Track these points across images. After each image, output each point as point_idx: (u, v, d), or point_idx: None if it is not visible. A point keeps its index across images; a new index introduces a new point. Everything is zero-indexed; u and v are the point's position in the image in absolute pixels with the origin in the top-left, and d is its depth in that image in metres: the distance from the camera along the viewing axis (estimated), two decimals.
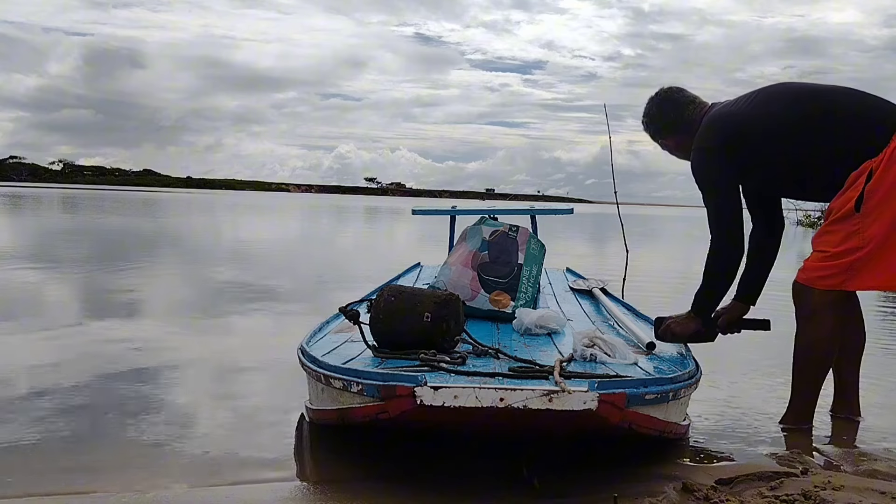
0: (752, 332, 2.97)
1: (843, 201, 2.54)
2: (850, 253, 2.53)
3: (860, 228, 2.51)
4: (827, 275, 2.58)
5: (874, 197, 2.48)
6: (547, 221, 10.27)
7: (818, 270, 2.61)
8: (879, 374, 3.72)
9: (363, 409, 1.96)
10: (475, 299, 3.08)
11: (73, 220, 18.47)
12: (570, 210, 5.56)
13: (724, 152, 2.69)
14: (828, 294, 2.60)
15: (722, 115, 2.76)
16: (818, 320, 2.62)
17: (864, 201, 2.49)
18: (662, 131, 2.95)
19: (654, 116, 2.94)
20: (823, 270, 2.59)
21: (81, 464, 2.22)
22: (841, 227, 2.55)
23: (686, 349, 2.69)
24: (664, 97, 2.92)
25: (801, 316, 2.68)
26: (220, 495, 2.01)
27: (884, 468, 2.33)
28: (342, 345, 2.54)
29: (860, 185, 2.51)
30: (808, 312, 2.64)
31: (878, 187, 2.48)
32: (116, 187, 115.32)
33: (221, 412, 2.82)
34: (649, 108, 2.96)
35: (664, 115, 2.91)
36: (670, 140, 2.94)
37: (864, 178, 2.50)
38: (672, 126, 2.90)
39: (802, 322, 2.67)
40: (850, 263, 2.54)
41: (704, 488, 2.03)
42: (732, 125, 2.71)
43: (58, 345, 3.89)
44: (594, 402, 1.77)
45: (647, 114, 2.96)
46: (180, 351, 3.88)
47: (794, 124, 2.62)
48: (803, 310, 2.66)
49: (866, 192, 2.49)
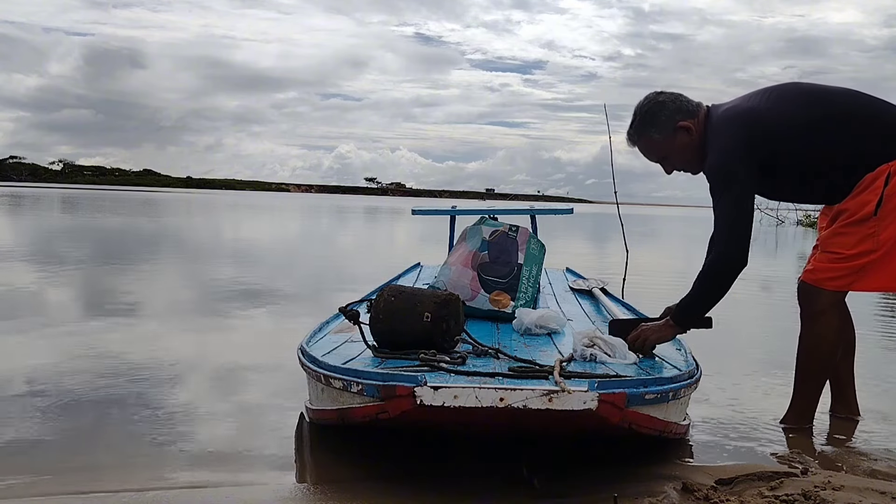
0: (707, 331, 2.71)
1: (860, 203, 2.51)
2: (863, 255, 2.52)
3: (876, 231, 2.50)
4: (838, 276, 2.57)
5: (891, 201, 2.48)
6: (547, 221, 10.26)
7: (829, 272, 2.59)
8: (880, 374, 3.72)
9: (363, 409, 1.96)
10: (475, 299, 3.08)
11: (73, 221, 18.48)
12: (570, 210, 5.55)
13: (747, 150, 2.53)
14: (836, 295, 2.60)
15: (742, 111, 2.60)
16: (825, 321, 2.62)
17: (882, 205, 2.48)
18: (662, 128, 2.65)
19: (654, 112, 2.66)
20: (835, 272, 2.57)
21: (81, 464, 2.22)
22: (857, 229, 2.53)
23: (686, 349, 2.68)
24: (663, 96, 2.69)
25: (807, 316, 2.65)
26: (220, 495, 2.01)
27: (884, 468, 2.33)
28: (342, 345, 2.53)
29: (878, 188, 2.49)
30: (815, 313, 2.62)
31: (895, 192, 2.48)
32: (116, 187, 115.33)
33: (221, 412, 2.82)
34: (647, 104, 2.69)
35: (665, 109, 2.65)
36: (669, 140, 2.65)
37: (883, 181, 2.49)
38: (673, 124, 2.64)
39: (809, 322, 2.65)
40: (862, 265, 2.53)
41: (704, 488, 2.03)
42: (756, 121, 2.56)
43: (57, 344, 3.89)
44: (594, 401, 1.77)
45: (646, 111, 2.68)
46: (180, 351, 3.88)
47: (814, 125, 2.55)
48: (810, 310, 2.64)
49: (885, 195, 2.48)
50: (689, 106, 2.66)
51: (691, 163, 2.70)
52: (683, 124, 2.64)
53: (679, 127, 2.63)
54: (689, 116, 2.65)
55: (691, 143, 2.65)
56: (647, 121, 2.68)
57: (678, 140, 2.65)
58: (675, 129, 2.64)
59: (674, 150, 2.68)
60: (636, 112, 2.70)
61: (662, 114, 2.65)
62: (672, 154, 2.70)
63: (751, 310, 5.95)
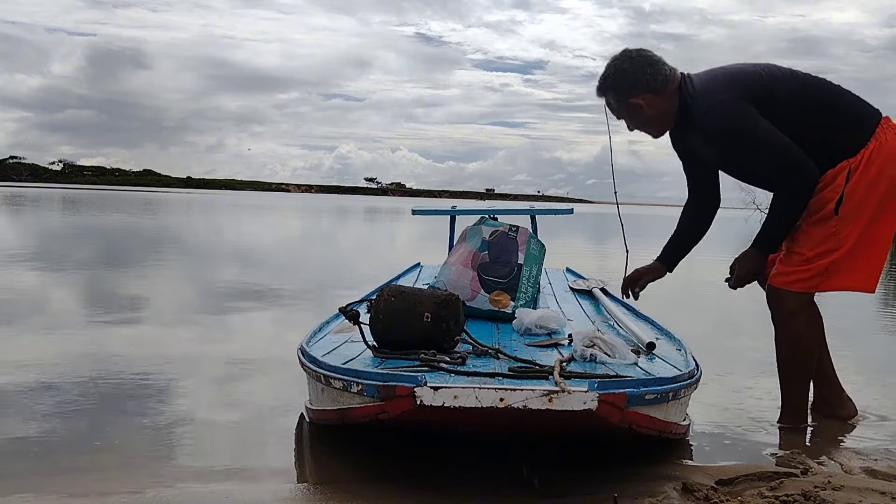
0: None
1: (822, 202, 2.54)
2: (826, 255, 2.55)
3: (838, 230, 2.52)
4: (803, 278, 2.60)
5: (852, 199, 2.49)
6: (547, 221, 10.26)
7: (794, 274, 2.61)
8: (879, 374, 3.72)
9: (363, 409, 1.96)
10: (475, 299, 3.07)
11: (72, 221, 18.47)
12: (570, 210, 5.54)
13: (747, 98, 2.54)
14: (803, 296, 2.63)
15: (738, 70, 2.62)
16: (797, 322, 2.65)
17: (842, 203, 2.50)
18: (635, 88, 2.64)
19: (627, 71, 2.65)
20: (799, 274, 2.60)
21: (81, 464, 2.22)
22: (819, 229, 2.55)
23: (686, 349, 2.68)
24: (636, 53, 2.69)
25: (779, 320, 2.69)
26: (220, 495, 2.01)
27: (884, 468, 2.33)
28: (342, 345, 2.53)
29: (839, 186, 2.51)
30: (785, 316, 2.66)
31: (856, 189, 2.49)
32: (116, 187, 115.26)
33: (221, 412, 2.82)
34: (619, 62, 2.68)
35: (639, 69, 2.64)
36: (642, 99, 2.64)
37: (843, 179, 2.50)
38: (646, 83, 2.63)
39: (782, 326, 2.69)
40: (826, 266, 2.56)
41: (704, 488, 2.03)
42: (752, 79, 2.58)
43: (57, 345, 3.89)
44: (594, 402, 1.77)
45: (616, 69, 2.67)
46: (180, 351, 3.88)
47: (800, 105, 2.57)
48: (781, 313, 2.67)
49: (846, 193, 2.49)
50: (655, 80, 2.64)
51: (647, 129, 2.76)
52: (635, 101, 2.67)
53: (630, 103, 2.68)
54: (649, 90, 2.64)
55: (644, 115, 2.69)
56: (607, 84, 2.73)
57: (630, 111, 2.71)
58: (628, 104, 2.69)
59: (627, 117, 2.77)
60: (605, 69, 2.74)
61: (621, 83, 2.69)
62: (627, 119, 2.78)
63: (750, 310, 5.94)
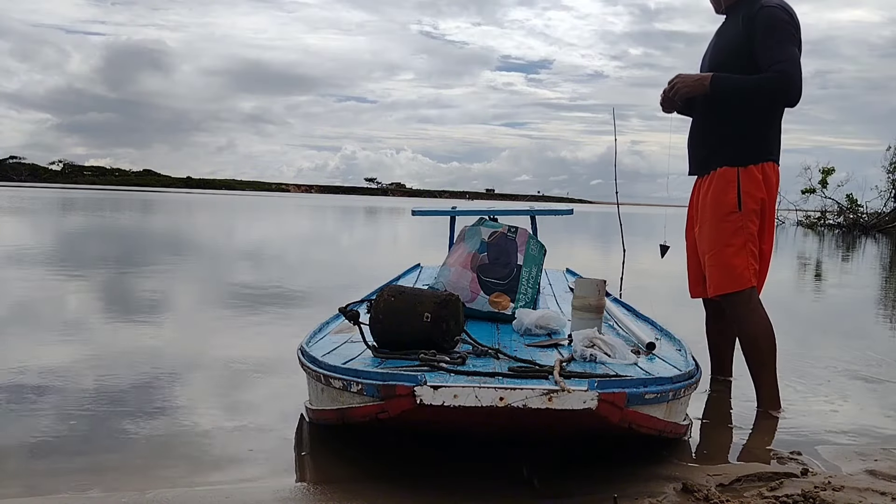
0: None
1: (720, 197, 2.91)
2: (745, 242, 2.88)
3: (744, 224, 2.87)
4: (751, 264, 2.86)
5: (748, 203, 2.88)
6: (547, 222, 10.25)
7: (747, 266, 2.85)
8: (880, 375, 3.72)
9: (363, 408, 1.96)
10: (475, 301, 3.07)
11: (73, 222, 18.48)
12: (570, 210, 5.54)
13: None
14: (754, 288, 2.89)
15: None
16: (758, 315, 2.88)
17: (742, 203, 2.85)
18: None
19: None
20: (748, 261, 2.86)
21: (81, 464, 2.22)
22: (726, 224, 2.90)
23: (686, 349, 2.68)
24: None
25: (742, 320, 2.89)
26: (220, 495, 2.01)
27: (884, 468, 2.33)
28: (342, 345, 2.53)
29: (734, 183, 2.87)
30: (747, 313, 2.87)
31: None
32: (116, 187, 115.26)
33: (221, 412, 2.82)
34: None
35: None
36: None
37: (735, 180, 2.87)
38: None
39: (746, 323, 2.89)
40: (752, 251, 2.89)
41: (704, 489, 2.03)
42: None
43: (57, 345, 3.89)
44: (594, 401, 1.77)
45: None
46: (180, 351, 3.88)
47: None
48: (744, 312, 2.88)
49: (742, 194, 2.86)
50: None
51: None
52: None
53: None
54: None
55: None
56: None
57: None
58: None
59: None
60: None
61: None
62: None
63: None
